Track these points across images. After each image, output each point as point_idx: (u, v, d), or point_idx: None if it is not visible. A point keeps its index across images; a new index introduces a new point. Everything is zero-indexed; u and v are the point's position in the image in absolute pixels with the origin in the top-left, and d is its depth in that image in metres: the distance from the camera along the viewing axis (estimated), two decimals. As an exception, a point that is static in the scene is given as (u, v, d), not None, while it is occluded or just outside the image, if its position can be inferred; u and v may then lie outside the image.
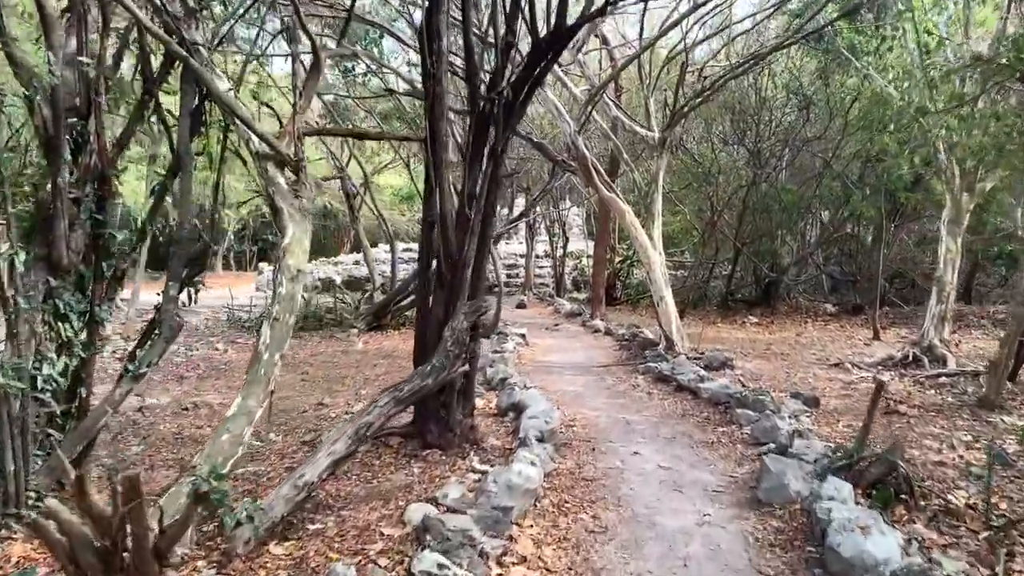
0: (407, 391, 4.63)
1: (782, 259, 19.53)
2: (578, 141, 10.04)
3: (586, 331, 15.11)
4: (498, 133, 5.71)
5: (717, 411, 7.67)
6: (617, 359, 11.45)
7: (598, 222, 17.35)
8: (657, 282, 10.62)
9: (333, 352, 12.36)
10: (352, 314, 15.13)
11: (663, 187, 11.32)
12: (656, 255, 10.71)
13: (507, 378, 8.69)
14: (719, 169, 16.65)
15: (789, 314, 18.75)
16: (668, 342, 10.58)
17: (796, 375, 9.70)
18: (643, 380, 9.48)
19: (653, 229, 10.91)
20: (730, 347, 13.02)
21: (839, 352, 12.43)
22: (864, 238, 20.99)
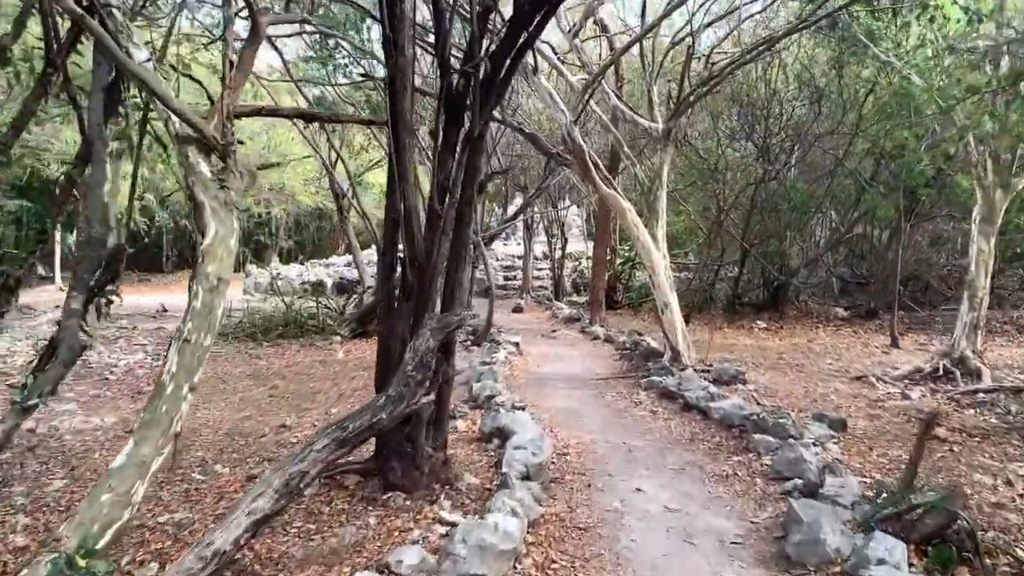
0: (353, 430, 3.71)
1: (791, 261, 18.60)
2: (574, 132, 9.13)
3: (585, 338, 14.18)
4: (475, 115, 4.80)
5: (731, 435, 6.75)
6: (618, 371, 10.53)
7: (598, 222, 16.43)
8: (661, 287, 9.71)
9: (311, 362, 11.45)
10: (336, 320, 14.22)
11: (667, 184, 10.40)
12: (660, 257, 9.80)
13: (494, 395, 7.78)
14: (726, 165, 15.70)
15: (799, 319, 17.83)
16: (673, 353, 9.67)
17: (816, 390, 8.78)
18: (646, 396, 8.56)
19: (656, 229, 10.00)
20: (739, 356, 12.11)
21: (857, 362, 11.52)
22: (876, 238, 20.09)
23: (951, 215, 17.64)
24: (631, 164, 10.30)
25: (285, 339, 13.45)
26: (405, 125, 4.54)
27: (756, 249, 17.44)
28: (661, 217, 10.05)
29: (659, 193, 10.01)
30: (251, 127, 24.80)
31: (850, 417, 7.32)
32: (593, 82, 9.10)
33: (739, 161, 16.57)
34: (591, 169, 9.29)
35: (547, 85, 9.32)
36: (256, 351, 12.46)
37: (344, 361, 11.56)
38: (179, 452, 6.38)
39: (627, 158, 10.32)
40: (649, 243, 9.65)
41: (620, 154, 10.63)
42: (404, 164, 4.54)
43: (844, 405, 7.94)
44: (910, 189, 14.29)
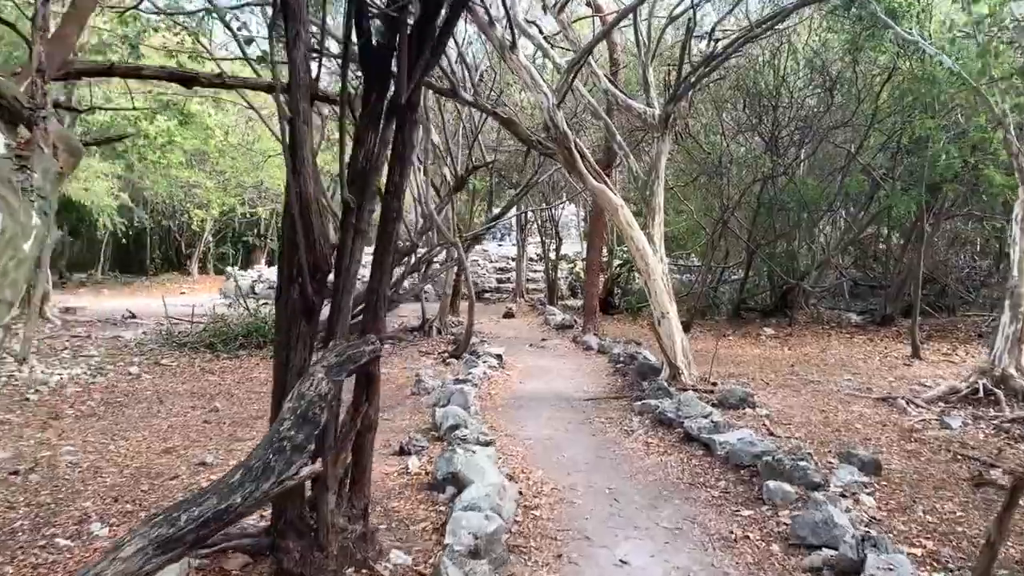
0: (186, 524, 2.49)
1: (800, 263, 17.38)
2: (557, 117, 7.93)
3: (576, 348, 12.97)
4: (402, 74, 3.60)
5: (739, 479, 5.54)
6: (610, 388, 9.33)
7: (591, 221, 15.22)
8: (658, 294, 8.50)
9: (266, 378, 10.19)
10: (305, 328, 13.00)
11: (666, 177, 9.19)
12: (657, 260, 8.59)
13: (458, 425, 6.57)
14: (731, 160, 14.47)
15: (809, 325, 16.60)
16: (672, 370, 8.46)
17: (836, 416, 7.55)
18: (640, 423, 7.34)
19: (653, 228, 8.79)
20: (745, 369, 10.89)
21: (878, 376, 10.30)
22: (890, 239, 18.85)
23: (971, 213, 16.42)
24: (624, 156, 9.08)
25: (247, 350, 12.25)
26: (300, 86, 3.34)
27: (763, 251, 16.22)
28: (658, 215, 8.84)
29: (656, 188, 8.80)
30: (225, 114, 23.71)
31: (881, 453, 6.11)
32: (580, 59, 7.89)
33: (745, 156, 15.31)
34: (577, 159, 8.09)
35: (526, 63, 8.12)
36: (211, 364, 11.27)
37: (305, 376, 10.37)
38: (58, 502, 5.21)
39: (619, 148, 9.10)
40: (644, 244, 8.45)
41: (613, 145, 9.41)
42: (297, 138, 3.34)
43: (872, 437, 6.72)
44: (934, 184, 13.06)
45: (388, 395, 9.12)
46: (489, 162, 13.19)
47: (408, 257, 13.06)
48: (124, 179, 25.92)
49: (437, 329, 13.89)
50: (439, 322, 13.97)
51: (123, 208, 27.25)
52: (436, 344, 13.26)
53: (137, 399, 8.87)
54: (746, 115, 14.66)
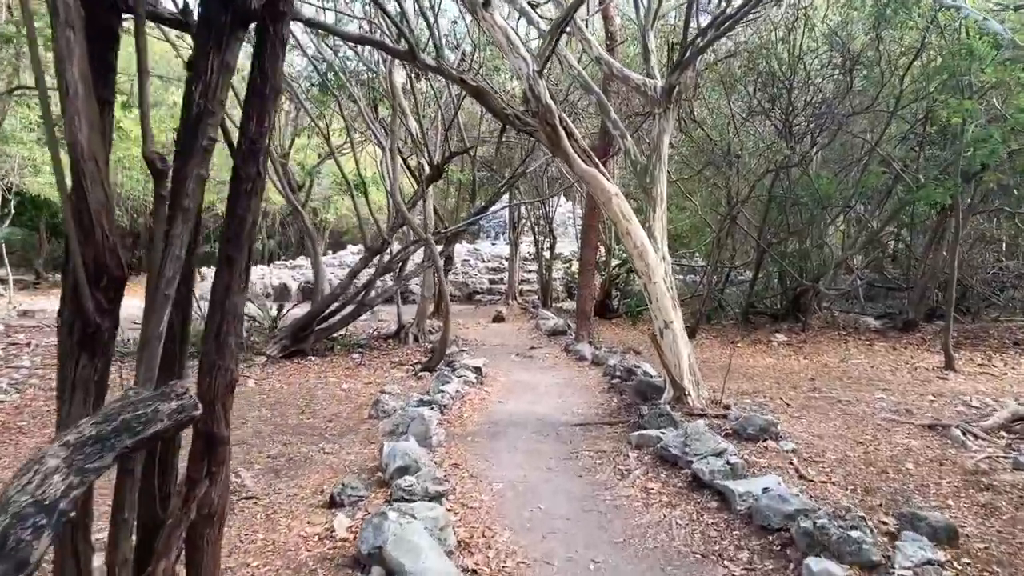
0: None
1: (813, 263, 15.99)
2: (539, 87, 6.57)
3: (568, 359, 11.58)
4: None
5: (768, 549, 4.17)
6: (603, 411, 7.95)
7: (584, 216, 13.83)
8: (660, 300, 7.12)
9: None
10: (266, 335, 11.65)
11: (668, 168, 7.81)
12: (658, 260, 7.21)
13: (408, 467, 5.20)
14: (741, 148, 13.07)
15: (823, 331, 15.22)
16: (677, 391, 7.09)
17: (878, 449, 6.17)
18: (637, 460, 5.96)
19: (654, 222, 7.41)
20: (760, 384, 9.53)
21: (913, 393, 8.94)
22: (912, 236, 17.43)
23: (1002, 208, 15.02)
24: (620, 136, 7.70)
25: (198, 356, 10.86)
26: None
27: (774, 249, 14.84)
28: (660, 206, 7.46)
29: (657, 174, 7.42)
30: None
31: (948, 507, 4.74)
32: (566, 17, 6.52)
33: (756, 144, 13.89)
34: (563, 137, 6.72)
35: (502, 23, 6.75)
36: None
37: (252, 393, 9.00)
38: None
39: (614, 127, 7.71)
40: (643, 240, 7.07)
41: (607, 124, 8.02)
42: (60, 47, 1.96)
43: (930, 481, 5.34)
44: (972, 174, 11.68)
45: (343, 417, 7.78)
46: (467, 148, 11.80)
47: (379, 256, 11.73)
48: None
49: (414, 336, 12.52)
50: (416, 328, 12.60)
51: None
52: (412, 353, 11.88)
53: (44, 423, 7.52)
54: (757, 100, 13.24)
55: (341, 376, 10.15)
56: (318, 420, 7.67)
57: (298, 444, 6.66)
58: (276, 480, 5.61)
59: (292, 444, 6.66)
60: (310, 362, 11.09)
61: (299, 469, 5.89)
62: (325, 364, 11.02)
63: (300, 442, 6.73)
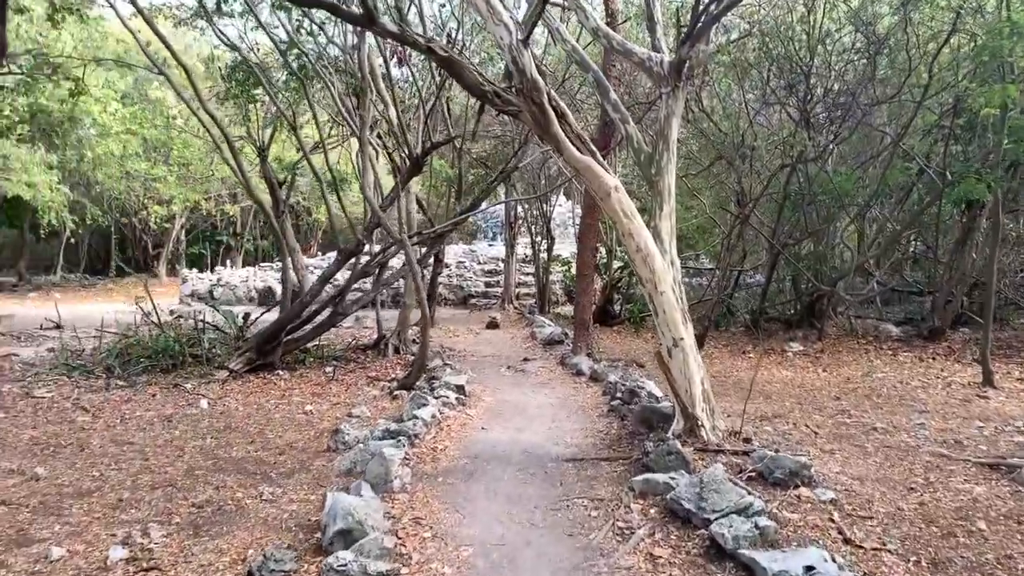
0: None
1: (829, 265, 14.86)
2: (523, 59, 5.46)
3: (564, 374, 10.44)
4: None
5: (821, 668, 3.06)
6: (601, 440, 6.83)
7: (582, 214, 12.69)
8: (667, 313, 5.99)
9: (153, 418, 7.79)
10: (230, 347, 10.55)
11: (677, 153, 6.68)
12: (666, 266, 6.09)
13: (350, 531, 4.10)
14: (754, 139, 11.91)
15: (841, 339, 14.10)
16: (688, 420, 5.97)
17: (935, 498, 5.04)
18: (641, 513, 4.83)
19: (661, 220, 6.29)
20: (780, 405, 8.42)
21: (954, 416, 7.85)
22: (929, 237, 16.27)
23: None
24: (621, 121, 6.57)
25: (150, 375, 9.79)
26: None
27: (789, 251, 13.71)
28: (668, 202, 6.34)
29: (664, 164, 6.30)
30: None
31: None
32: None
33: (770, 136, 12.72)
34: (552, 120, 5.61)
35: (478, -16, 5.65)
36: (96, 395, 8.80)
37: (201, 416, 7.89)
38: None
39: (614, 110, 6.57)
40: (648, 242, 5.95)
41: (605, 107, 6.88)
42: None
43: (1012, 549, 4.21)
44: (1008, 166, 10.56)
45: (298, 449, 6.68)
46: (451, 138, 10.66)
47: (355, 259, 10.63)
48: (73, 171, 23.50)
49: (395, 347, 11.40)
50: (398, 338, 11.48)
51: (77, 205, 24.83)
52: (391, 367, 10.76)
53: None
54: (772, 88, 12.08)
55: (308, 394, 9.05)
56: (268, 452, 6.56)
57: (235, 486, 5.56)
58: (193, 541, 4.51)
59: (228, 487, 5.55)
60: (277, 377, 9.99)
61: (226, 524, 4.79)
62: (293, 380, 9.92)
63: (239, 483, 5.63)
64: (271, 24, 10.70)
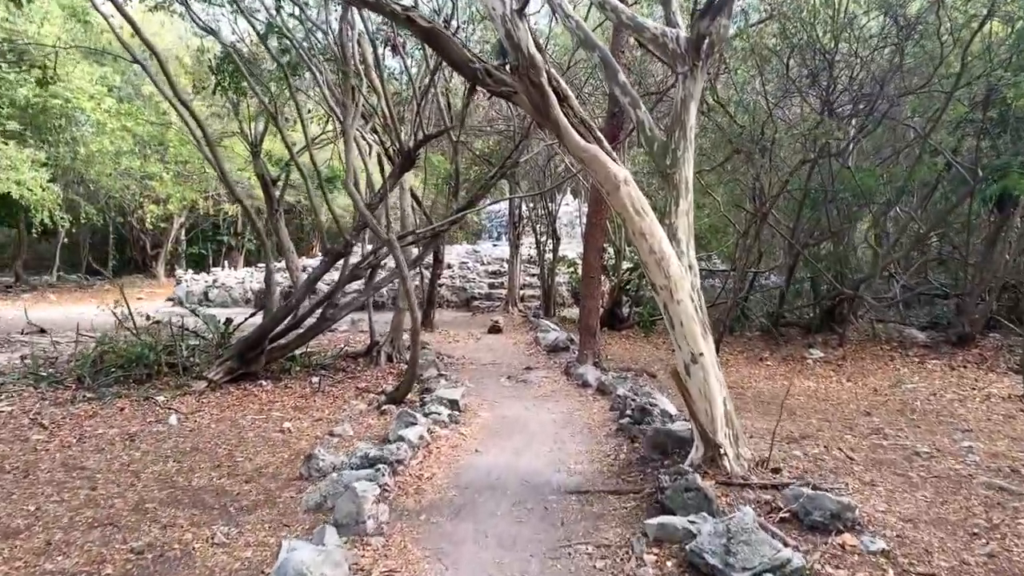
0: None
1: (852, 266, 14.04)
2: (518, 31, 4.71)
3: (569, 385, 9.67)
4: None
5: None
6: (608, 467, 6.05)
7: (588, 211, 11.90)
8: (685, 325, 5.22)
9: (116, 436, 7.07)
10: (211, 354, 9.83)
11: (695, 142, 5.89)
12: (683, 270, 5.32)
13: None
14: (774, 133, 11.10)
15: (863, 345, 13.30)
16: (709, 448, 5.19)
17: (1010, 552, 4.24)
18: (656, 567, 4.04)
19: (677, 217, 5.53)
20: (807, 423, 7.65)
21: (999, 435, 7.08)
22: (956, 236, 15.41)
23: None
24: (631, 105, 5.80)
25: (124, 385, 9.08)
26: None
27: (809, 252, 12.90)
28: (685, 197, 5.57)
29: (681, 154, 5.54)
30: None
31: None
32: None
33: (790, 129, 11.87)
34: (552, 103, 4.86)
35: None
36: (59, 409, 8.08)
37: (168, 435, 7.16)
38: None
39: (623, 94, 5.79)
40: (662, 244, 5.19)
41: (613, 90, 6.10)
42: None
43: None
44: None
45: (267, 475, 5.94)
46: (447, 128, 9.89)
47: (343, 260, 9.90)
48: (67, 169, 22.85)
49: (388, 355, 10.66)
50: (391, 345, 10.73)
51: (71, 203, 24.18)
52: (383, 376, 10.02)
53: None
54: (793, 77, 11.26)
55: (289, 408, 8.31)
56: (234, 480, 5.82)
57: (187, 525, 4.82)
58: (121, 600, 3.78)
59: (178, 525, 4.81)
60: (259, 388, 9.26)
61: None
62: (277, 391, 9.19)
63: (192, 520, 4.89)
64: (252, 9, 9.97)
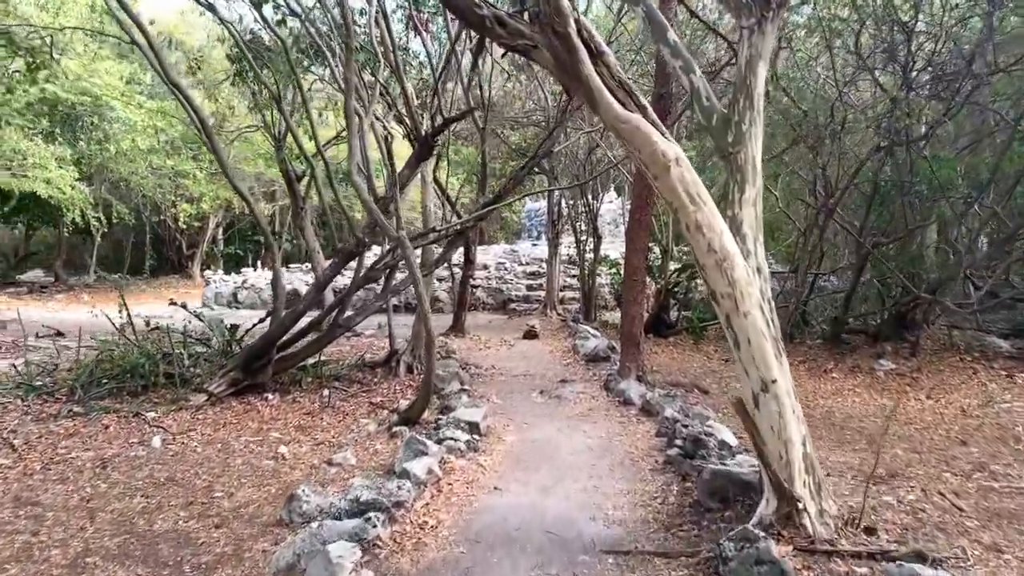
0: None
1: (927, 268, 12.61)
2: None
3: (609, 402, 8.53)
4: None
5: None
6: (654, 516, 4.93)
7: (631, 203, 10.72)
8: (753, 342, 4.10)
9: (88, 461, 6.20)
10: (214, 364, 8.97)
11: (765, 119, 4.72)
12: (751, 273, 4.19)
13: None
14: (845, 116, 9.81)
15: (939, 354, 11.87)
16: (785, 503, 4.04)
17: None
18: None
19: (741, 208, 4.40)
20: (891, 457, 6.42)
21: None
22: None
23: None
24: (682, 70, 4.67)
25: (116, 397, 8.26)
26: None
27: (881, 252, 11.55)
28: (752, 182, 4.44)
29: (747, 128, 4.42)
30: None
31: None
32: None
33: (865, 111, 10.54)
34: (582, 59, 3.80)
35: None
36: (40, 426, 7.27)
37: (146, 460, 6.26)
38: None
39: (673, 55, 4.65)
40: (724, 241, 4.07)
41: (661, 52, 4.95)
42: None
43: None
44: None
45: (244, 518, 4.98)
46: (470, 109, 8.83)
47: (357, 260, 8.94)
48: (99, 168, 22.48)
49: (408, 365, 9.67)
50: (411, 355, 9.75)
51: (104, 203, 23.84)
52: (401, 389, 9.03)
53: None
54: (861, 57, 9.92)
55: (291, 428, 7.37)
56: (203, 524, 4.86)
57: (126, 590, 3.87)
58: None
59: (116, 590, 3.87)
60: (264, 403, 8.36)
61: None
62: (282, 406, 8.27)
63: (135, 583, 3.95)
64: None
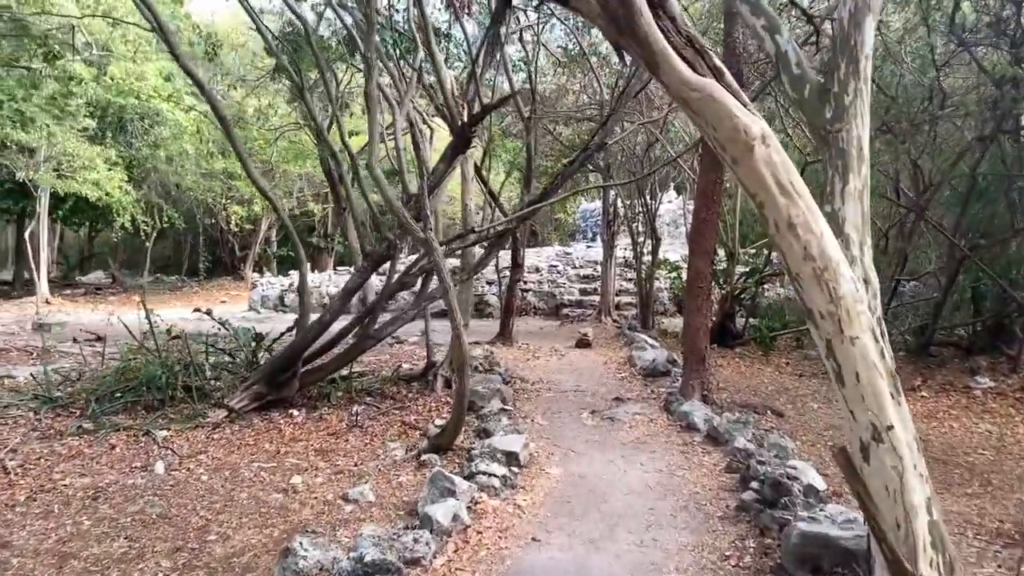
0: None
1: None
2: None
3: (669, 427, 7.51)
4: None
5: None
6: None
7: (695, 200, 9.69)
8: (861, 377, 3.12)
9: (80, 490, 5.56)
10: (237, 376, 8.32)
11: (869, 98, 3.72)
12: (856, 285, 3.21)
13: None
14: (943, 100, 8.61)
15: (1043, 370, 10.51)
16: (895, 570, 3.03)
17: None
18: None
19: (844, 201, 3.44)
20: (1003, 490, 5.34)
21: None
22: None
23: None
24: (765, 30, 3.72)
25: (133, 412, 7.67)
26: None
27: (979, 255, 10.24)
28: (858, 170, 3.48)
29: (851, 100, 3.45)
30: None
31: None
32: None
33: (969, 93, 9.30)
34: (638, 10, 2.93)
35: None
36: (42, 444, 6.70)
37: (143, 491, 5.58)
38: None
39: (752, 11, 3.71)
40: (826, 243, 3.12)
41: (737, 7, 4.00)
42: None
43: None
44: None
45: (236, 571, 4.21)
46: (506, 98, 7.90)
47: (389, 265, 8.18)
48: (150, 171, 22.44)
49: (445, 380, 8.87)
50: (449, 367, 8.93)
51: (153, 206, 23.85)
52: (438, 406, 8.22)
53: None
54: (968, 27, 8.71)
55: (311, 452, 6.62)
56: (186, 577, 4.12)
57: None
58: None
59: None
60: (288, 419, 7.65)
61: None
62: (308, 423, 7.55)
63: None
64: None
